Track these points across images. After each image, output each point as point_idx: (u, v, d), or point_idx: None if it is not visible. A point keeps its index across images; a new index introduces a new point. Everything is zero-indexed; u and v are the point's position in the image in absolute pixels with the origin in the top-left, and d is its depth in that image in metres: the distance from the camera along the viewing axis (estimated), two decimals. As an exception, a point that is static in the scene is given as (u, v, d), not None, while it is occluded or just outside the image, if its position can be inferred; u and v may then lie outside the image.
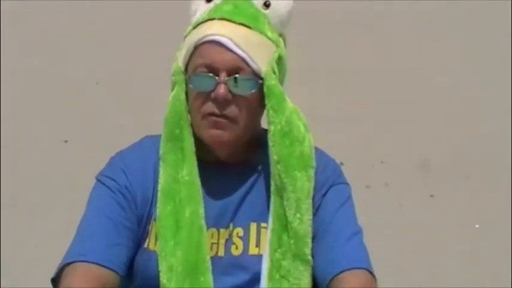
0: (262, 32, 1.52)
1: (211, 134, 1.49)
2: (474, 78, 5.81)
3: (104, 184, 1.55)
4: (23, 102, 5.02)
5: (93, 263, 1.45)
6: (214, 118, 1.48)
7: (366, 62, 6.04)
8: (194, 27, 1.53)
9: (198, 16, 1.55)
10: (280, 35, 1.58)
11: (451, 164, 4.21)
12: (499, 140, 4.57)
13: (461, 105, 5.21)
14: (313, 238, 1.55)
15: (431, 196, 3.78)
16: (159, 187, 1.53)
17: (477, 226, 3.54)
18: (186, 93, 1.52)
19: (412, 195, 3.83)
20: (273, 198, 1.54)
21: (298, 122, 1.56)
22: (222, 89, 1.45)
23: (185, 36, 1.54)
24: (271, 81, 1.50)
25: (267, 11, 1.55)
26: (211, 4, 1.55)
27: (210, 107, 1.47)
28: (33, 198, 3.84)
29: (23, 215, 3.64)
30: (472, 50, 6.57)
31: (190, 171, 1.52)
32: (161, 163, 1.54)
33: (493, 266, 3.19)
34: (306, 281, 1.53)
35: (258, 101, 1.51)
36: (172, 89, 1.54)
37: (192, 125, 1.54)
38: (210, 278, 1.51)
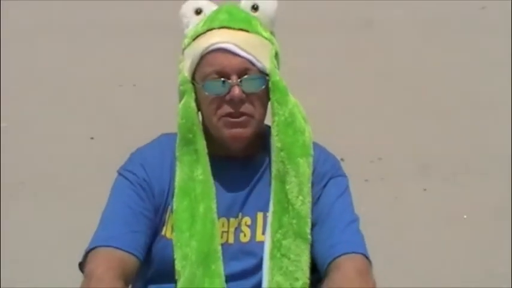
0: (258, 33, 1.53)
1: (232, 133, 1.50)
2: (469, 74, 5.68)
3: (124, 177, 1.56)
4: (52, 102, 4.99)
5: (115, 247, 1.46)
6: (232, 119, 1.49)
7: (364, 60, 5.92)
8: (193, 39, 1.53)
9: (191, 28, 1.55)
10: (272, 33, 1.58)
11: (443, 161, 4.19)
12: (490, 137, 4.49)
13: (456, 104, 5.13)
14: (314, 225, 1.54)
15: (424, 190, 3.77)
16: (176, 184, 1.54)
17: (465, 217, 3.53)
18: (195, 100, 1.53)
19: (406, 189, 3.82)
20: (274, 184, 1.55)
21: (299, 115, 1.57)
22: (236, 91, 1.46)
23: (184, 49, 1.54)
24: (276, 77, 1.51)
25: (256, 14, 1.55)
26: (202, 16, 1.55)
27: (226, 108, 1.48)
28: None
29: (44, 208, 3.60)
30: (468, 47, 6.36)
31: (203, 171, 1.53)
32: (178, 163, 1.55)
33: (485, 256, 3.17)
34: (306, 258, 1.53)
35: (266, 95, 1.52)
36: (181, 98, 1.54)
37: (204, 128, 1.54)
38: (220, 266, 1.51)
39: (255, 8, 1.54)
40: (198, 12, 1.56)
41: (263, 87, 1.50)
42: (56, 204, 3.58)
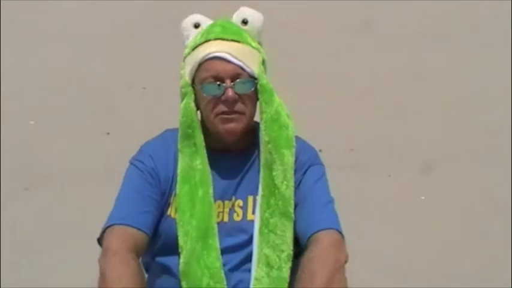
0: (248, 44, 1.54)
1: (226, 128, 1.51)
2: (443, 73, 5.44)
3: (135, 166, 1.56)
4: (74, 104, 4.85)
5: (128, 225, 1.46)
6: (226, 116, 1.49)
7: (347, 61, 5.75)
8: (193, 49, 1.52)
9: (191, 40, 1.56)
10: (259, 43, 1.59)
11: (406, 150, 4.18)
12: (461, 129, 4.39)
13: (426, 97, 4.98)
14: (296, 206, 1.54)
15: (389, 176, 3.77)
16: (178, 172, 1.55)
17: (423, 198, 3.52)
18: (194, 101, 1.53)
19: (373, 176, 3.80)
20: (263, 172, 1.56)
21: (283, 112, 1.58)
22: (230, 92, 1.46)
23: (185, 57, 1.55)
24: (263, 80, 1.53)
25: (246, 27, 1.56)
26: (199, 29, 1.56)
27: (221, 107, 1.48)
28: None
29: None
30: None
31: (202, 161, 1.54)
32: (180, 154, 1.55)
33: (447, 233, 3.12)
34: (290, 233, 1.54)
35: (255, 96, 1.53)
36: (182, 99, 1.54)
37: (202, 124, 1.54)
38: (217, 241, 1.53)
39: (244, 22, 1.55)
40: (196, 26, 1.57)
41: (252, 89, 1.51)
42: (76, 191, 3.50)
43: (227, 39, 1.49)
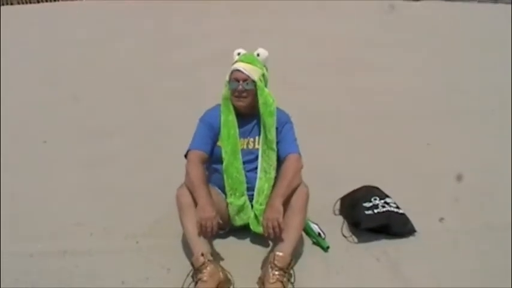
0: (255, 65, 2.58)
1: (237, 103, 2.60)
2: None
3: (201, 121, 2.71)
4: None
5: (198, 149, 2.62)
6: (237, 97, 2.57)
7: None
8: (232, 65, 2.61)
9: (234, 60, 2.65)
10: (264, 65, 2.63)
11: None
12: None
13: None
14: (277, 143, 2.60)
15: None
16: (222, 123, 2.62)
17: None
18: (229, 89, 2.58)
19: (327, 134, 4.24)
20: (262, 127, 2.60)
21: (270, 98, 2.58)
22: (240, 87, 2.57)
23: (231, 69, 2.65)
24: (260, 83, 2.57)
25: (258, 57, 2.65)
26: (237, 56, 2.67)
27: (236, 94, 2.57)
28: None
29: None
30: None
31: (232, 118, 2.63)
32: (222, 114, 2.64)
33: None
34: (274, 157, 2.61)
35: (254, 91, 2.57)
36: (225, 88, 2.65)
37: (232, 101, 2.61)
38: (240, 157, 2.63)
39: (258, 54, 2.70)
40: (238, 54, 2.71)
41: (252, 87, 2.59)
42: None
43: (244, 62, 2.63)
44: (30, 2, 12.89)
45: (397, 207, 2.94)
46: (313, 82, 5.37)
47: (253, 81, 2.53)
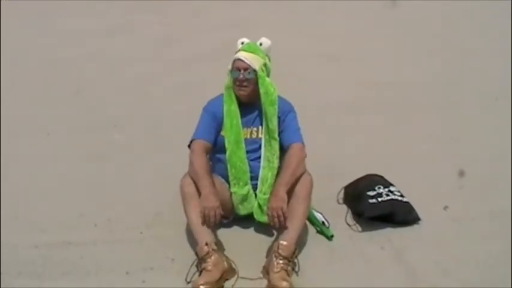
0: (257, 55, 2.59)
1: (239, 92, 2.61)
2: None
3: (205, 110, 2.72)
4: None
5: (202, 139, 2.62)
6: (239, 86, 2.58)
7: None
8: (235, 53, 2.62)
9: (237, 49, 2.65)
10: (266, 55, 2.63)
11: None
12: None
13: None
14: (280, 133, 2.60)
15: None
16: (224, 113, 2.63)
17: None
18: (231, 78, 2.59)
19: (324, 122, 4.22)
20: (264, 116, 2.61)
21: (271, 87, 2.58)
22: (241, 76, 2.58)
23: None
24: (261, 73, 2.58)
25: (260, 47, 2.66)
26: (240, 45, 2.66)
27: (237, 82, 2.58)
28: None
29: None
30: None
31: (235, 108, 2.65)
32: (224, 104, 2.65)
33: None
34: (276, 146, 2.62)
35: (255, 80, 2.57)
36: (227, 77, 2.64)
37: (234, 90, 2.62)
38: (243, 146, 2.63)
39: (260, 44, 2.71)
40: (242, 43, 2.70)
41: (254, 76, 2.59)
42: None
43: (247, 51, 2.63)
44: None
45: (401, 196, 2.94)
46: (316, 73, 5.41)
47: (255, 71, 2.53)
